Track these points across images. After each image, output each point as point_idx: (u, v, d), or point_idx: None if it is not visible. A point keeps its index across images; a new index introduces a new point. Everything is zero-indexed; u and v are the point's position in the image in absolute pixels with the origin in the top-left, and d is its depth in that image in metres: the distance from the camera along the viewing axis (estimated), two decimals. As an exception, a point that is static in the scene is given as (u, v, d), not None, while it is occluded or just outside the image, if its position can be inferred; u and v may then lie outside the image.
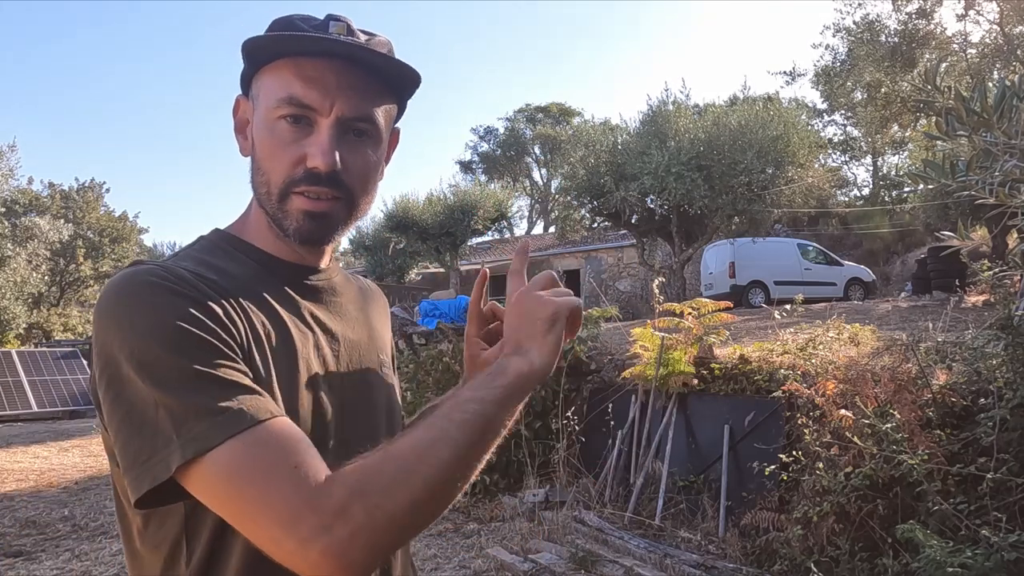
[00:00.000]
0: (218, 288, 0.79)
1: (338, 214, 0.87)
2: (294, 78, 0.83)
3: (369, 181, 0.89)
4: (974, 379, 3.94)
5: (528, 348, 0.81)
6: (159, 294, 0.74)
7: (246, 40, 0.84)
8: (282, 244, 0.90)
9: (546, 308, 0.82)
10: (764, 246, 15.41)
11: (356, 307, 0.99)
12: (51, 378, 13.97)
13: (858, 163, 27.66)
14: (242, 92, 0.92)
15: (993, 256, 9.72)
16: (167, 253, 45.32)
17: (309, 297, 0.91)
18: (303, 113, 0.83)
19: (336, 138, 0.83)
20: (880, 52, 13.39)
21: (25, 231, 24.17)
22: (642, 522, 5.00)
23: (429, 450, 0.70)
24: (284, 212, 0.85)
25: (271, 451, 0.68)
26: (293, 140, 0.83)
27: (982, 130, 2.29)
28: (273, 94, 0.84)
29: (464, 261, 23.00)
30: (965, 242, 2.78)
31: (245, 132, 0.91)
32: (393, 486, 0.67)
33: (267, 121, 0.85)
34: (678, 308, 5.87)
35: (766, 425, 4.88)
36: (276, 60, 0.85)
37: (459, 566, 4.48)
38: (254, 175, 0.88)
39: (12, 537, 5.35)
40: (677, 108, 14.09)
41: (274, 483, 0.66)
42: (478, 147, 39.42)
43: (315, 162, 0.82)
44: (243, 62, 0.88)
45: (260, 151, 0.86)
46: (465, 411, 0.73)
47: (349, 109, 0.84)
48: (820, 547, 3.71)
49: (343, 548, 0.64)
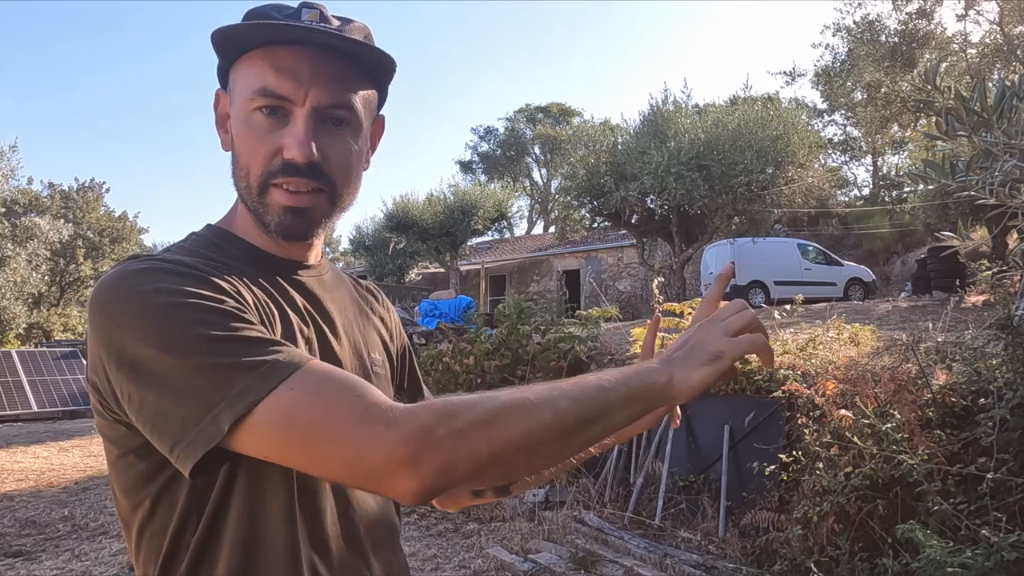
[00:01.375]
0: (218, 270, 0.79)
1: (320, 207, 0.85)
2: (267, 68, 0.81)
3: (351, 171, 0.87)
4: (974, 379, 3.94)
5: (675, 366, 0.78)
6: (163, 276, 0.74)
7: (214, 31, 0.82)
8: (269, 239, 0.88)
9: (716, 343, 0.80)
10: (764, 246, 15.41)
11: (346, 305, 0.98)
12: (51, 378, 13.96)
13: (858, 163, 27.66)
14: (220, 86, 0.90)
15: (993, 256, 9.72)
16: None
17: (299, 293, 0.90)
18: (278, 104, 0.81)
19: (313, 128, 0.81)
20: (880, 52, 13.38)
21: (25, 231, 24.16)
22: (642, 522, 5.00)
23: (530, 407, 0.68)
24: (264, 207, 0.84)
25: (329, 385, 0.68)
26: (269, 132, 0.82)
27: (982, 130, 2.29)
28: (248, 86, 0.82)
29: (464, 261, 23.01)
30: (965, 242, 2.78)
31: (226, 126, 0.89)
32: (482, 424, 0.66)
33: (243, 114, 0.83)
34: (678, 308, 5.87)
35: (766, 425, 4.88)
36: (250, 52, 0.83)
37: (459, 566, 4.48)
38: (234, 169, 0.86)
39: (12, 537, 5.35)
40: (677, 108, 14.09)
41: (343, 411, 0.66)
42: (478, 147, 39.45)
43: (291, 153, 0.80)
44: (216, 55, 0.86)
45: (238, 145, 0.85)
46: (584, 390, 0.72)
47: (324, 97, 0.81)
48: (820, 547, 3.71)
49: (425, 462, 0.64)
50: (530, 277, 24.04)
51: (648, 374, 0.76)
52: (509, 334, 7.09)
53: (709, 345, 0.80)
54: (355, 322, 0.98)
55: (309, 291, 0.92)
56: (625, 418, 0.74)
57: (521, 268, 24.41)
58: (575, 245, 22.24)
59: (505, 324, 7.25)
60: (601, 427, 0.73)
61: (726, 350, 0.79)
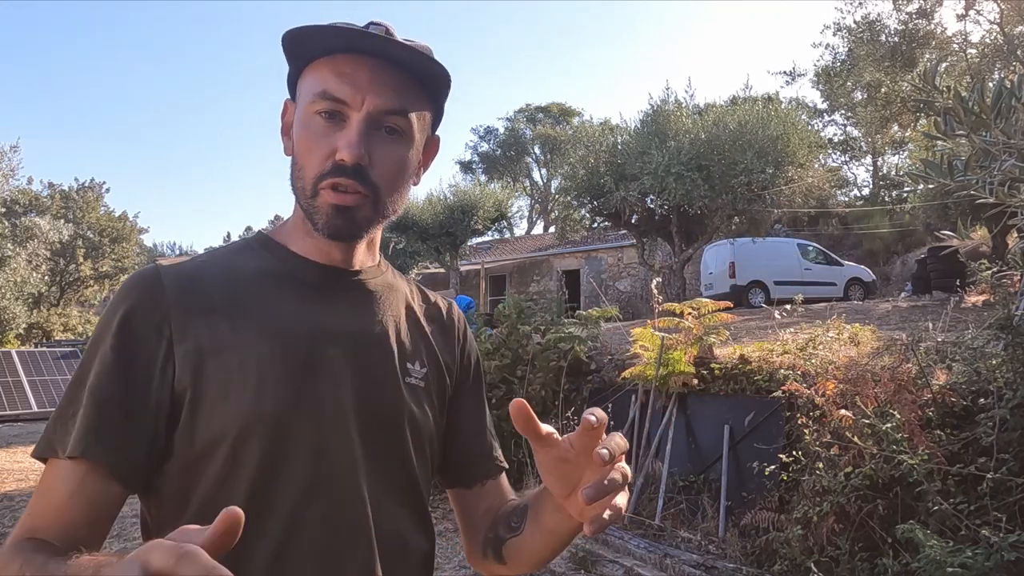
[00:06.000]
0: (197, 288, 0.85)
1: (364, 209, 0.86)
2: (329, 74, 0.85)
3: (398, 179, 0.88)
4: (974, 379, 3.94)
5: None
6: (113, 310, 0.83)
7: (284, 33, 0.85)
8: (312, 244, 0.91)
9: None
10: (764, 246, 15.40)
11: (388, 312, 0.95)
12: (51, 378, 13.96)
13: (858, 163, 27.64)
14: (289, 95, 0.94)
15: (993, 256, 9.71)
16: (167, 253, 45.23)
17: (326, 297, 0.90)
18: (336, 108, 0.84)
19: (365, 132, 0.84)
20: (880, 52, 13.39)
21: (25, 231, 24.16)
22: (642, 522, 5.00)
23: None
24: (315, 208, 0.86)
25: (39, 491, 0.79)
26: (326, 135, 0.85)
27: (981, 130, 2.29)
28: (310, 90, 0.86)
29: (464, 261, 23.00)
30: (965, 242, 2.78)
31: (289, 133, 0.92)
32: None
33: (304, 117, 0.87)
34: (678, 308, 5.87)
35: (766, 425, 4.88)
36: (316, 60, 0.87)
37: (459, 566, 4.48)
38: (293, 172, 0.89)
39: (12, 537, 5.36)
40: (678, 108, 14.08)
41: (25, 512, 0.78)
42: (478, 147, 39.42)
43: (342, 154, 0.83)
44: (287, 63, 0.90)
45: (298, 147, 0.88)
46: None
47: (380, 104, 0.84)
48: (820, 547, 3.71)
49: None
50: (530, 277, 24.04)
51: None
52: (509, 334, 7.09)
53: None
54: (397, 329, 0.96)
55: (340, 296, 0.91)
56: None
57: (521, 268, 24.41)
58: (575, 245, 22.24)
59: (505, 324, 7.25)
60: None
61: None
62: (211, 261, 0.90)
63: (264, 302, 0.86)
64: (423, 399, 0.95)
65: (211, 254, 0.92)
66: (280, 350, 0.83)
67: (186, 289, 0.84)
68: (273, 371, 0.82)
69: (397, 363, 0.93)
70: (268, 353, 0.82)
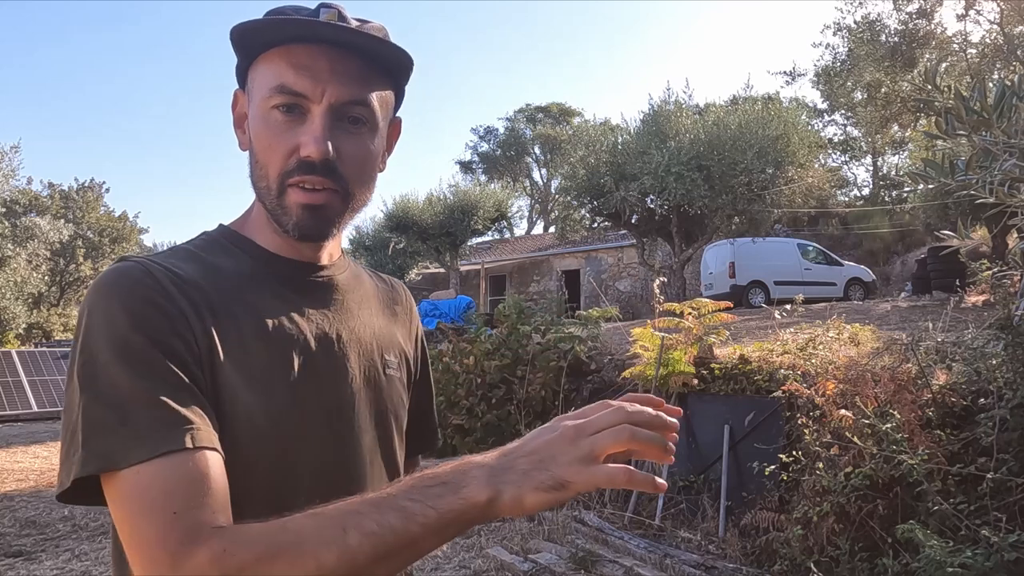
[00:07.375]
0: (193, 290, 0.78)
1: (335, 206, 0.84)
2: (285, 66, 0.81)
3: (366, 171, 0.86)
4: (974, 379, 3.94)
5: (507, 482, 0.66)
6: (120, 300, 0.74)
7: (233, 28, 0.82)
8: (281, 240, 0.88)
9: (566, 470, 0.65)
10: (764, 246, 15.41)
11: (362, 304, 0.96)
12: (51, 378, 13.96)
13: (858, 163, 27.69)
14: (239, 85, 0.90)
15: (993, 256, 9.72)
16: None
17: (305, 295, 0.89)
18: (295, 101, 0.81)
19: (329, 126, 0.81)
20: (880, 52, 13.39)
21: (25, 231, 24.15)
22: (642, 522, 5.01)
23: (314, 545, 0.64)
24: (283, 208, 0.83)
25: (156, 492, 0.66)
26: (287, 130, 0.81)
27: (981, 129, 2.29)
28: (265, 84, 0.82)
29: (464, 261, 23.00)
30: (965, 242, 2.78)
31: (243, 126, 0.89)
32: (262, 560, 0.63)
33: (261, 112, 0.83)
34: (678, 308, 5.87)
35: (766, 425, 4.88)
36: (268, 50, 0.83)
37: (459, 566, 4.48)
38: (253, 169, 0.86)
39: (12, 537, 5.35)
40: (678, 108, 14.09)
41: (146, 524, 0.65)
42: (478, 147, 39.45)
43: (308, 150, 0.80)
44: (235, 54, 0.86)
45: (256, 144, 0.84)
46: (382, 521, 0.65)
47: (342, 94, 0.81)
48: (820, 547, 3.71)
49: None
50: (530, 277, 24.04)
51: (468, 493, 0.66)
52: (509, 334, 7.09)
53: (557, 468, 0.65)
54: (372, 321, 0.96)
55: (314, 295, 0.90)
56: (437, 543, 0.68)
57: (521, 268, 24.41)
58: (575, 245, 22.24)
59: (505, 324, 7.26)
60: (406, 557, 0.67)
61: (575, 481, 0.65)
62: (188, 258, 0.83)
63: (250, 305, 0.83)
64: (401, 390, 0.97)
65: (186, 252, 0.85)
66: (278, 354, 0.82)
67: (182, 291, 0.78)
68: (272, 375, 0.81)
69: (378, 357, 0.94)
70: (266, 358, 0.81)
